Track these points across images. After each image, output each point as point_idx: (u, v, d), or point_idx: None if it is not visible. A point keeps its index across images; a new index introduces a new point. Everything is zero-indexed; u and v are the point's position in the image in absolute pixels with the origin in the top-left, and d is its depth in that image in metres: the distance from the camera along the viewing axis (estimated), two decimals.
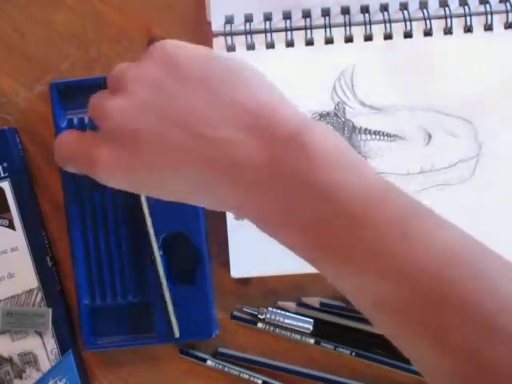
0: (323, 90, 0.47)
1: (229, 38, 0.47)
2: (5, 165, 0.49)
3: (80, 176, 0.48)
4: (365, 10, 0.47)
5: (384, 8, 0.47)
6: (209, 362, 0.50)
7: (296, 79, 0.47)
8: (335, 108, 0.47)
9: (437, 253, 0.29)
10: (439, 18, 0.46)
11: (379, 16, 0.46)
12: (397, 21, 0.46)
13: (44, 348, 0.50)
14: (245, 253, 0.48)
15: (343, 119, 0.47)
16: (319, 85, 0.47)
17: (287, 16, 0.47)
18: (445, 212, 0.42)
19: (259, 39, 0.47)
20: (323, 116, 0.47)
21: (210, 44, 0.47)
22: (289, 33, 0.46)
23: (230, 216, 0.49)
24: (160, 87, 0.35)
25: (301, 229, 0.31)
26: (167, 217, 0.48)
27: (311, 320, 0.49)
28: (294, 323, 0.49)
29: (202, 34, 0.49)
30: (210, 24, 0.47)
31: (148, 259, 0.48)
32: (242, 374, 0.50)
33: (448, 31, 0.46)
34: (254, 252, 0.48)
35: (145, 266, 0.49)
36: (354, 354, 0.49)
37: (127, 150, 0.34)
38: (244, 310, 0.50)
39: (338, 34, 0.47)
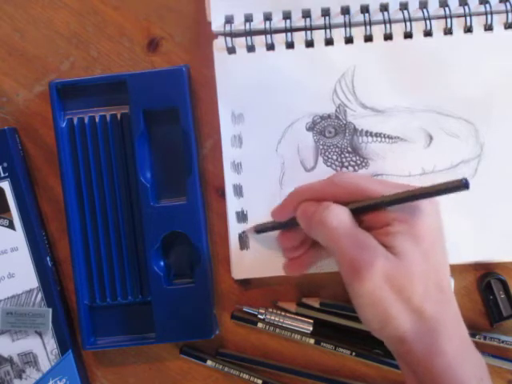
0: (324, 92, 0.47)
1: (229, 40, 0.46)
2: (5, 165, 0.49)
3: (80, 176, 0.48)
4: (365, 9, 0.47)
5: (384, 8, 0.47)
6: (209, 362, 0.50)
7: (296, 81, 0.47)
8: (336, 110, 0.47)
9: None
10: (439, 18, 0.46)
11: (379, 16, 0.46)
12: (397, 21, 0.46)
13: (44, 348, 0.50)
14: (246, 254, 0.48)
15: (344, 121, 0.47)
16: (320, 87, 0.47)
17: (287, 16, 0.47)
18: (448, 213, 0.42)
19: (259, 41, 0.47)
20: (324, 118, 0.47)
21: (210, 45, 0.47)
22: (289, 34, 0.46)
23: (230, 216, 0.49)
24: None
25: None
26: (167, 217, 0.48)
27: (311, 320, 0.49)
28: (294, 323, 0.49)
29: (202, 34, 0.49)
30: (210, 24, 0.47)
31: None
32: (241, 374, 0.50)
33: (448, 31, 0.46)
34: (255, 253, 0.48)
35: (145, 266, 0.49)
36: (353, 354, 0.49)
37: None
38: (244, 310, 0.50)
39: (338, 34, 0.47)
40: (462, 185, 0.36)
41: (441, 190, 0.37)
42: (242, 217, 0.48)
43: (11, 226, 0.49)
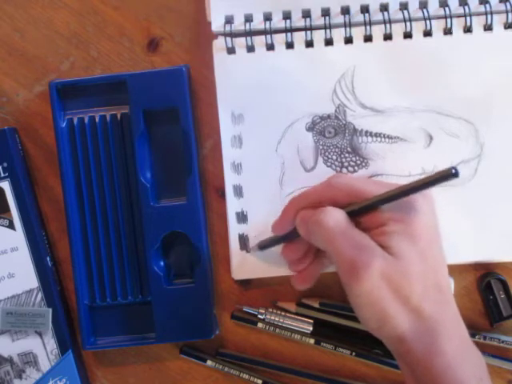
0: (323, 93, 0.47)
1: (229, 40, 0.46)
2: (5, 165, 0.49)
3: (80, 176, 0.49)
4: (365, 9, 0.47)
5: (384, 8, 0.47)
6: (209, 362, 0.50)
7: (296, 81, 0.47)
8: (336, 110, 0.47)
9: None
10: (439, 17, 0.46)
11: (379, 16, 0.46)
12: (397, 21, 0.46)
13: (44, 348, 0.50)
14: (246, 254, 0.48)
15: (344, 122, 0.47)
16: (319, 87, 0.47)
17: (287, 16, 0.47)
18: (448, 213, 0.42)
19: (259, 41, 0.47)
20: (324, 118, 0.47)
21: (210, 45, 0.47)
22: (289, 34, 0.46)
23: (230, 216, 0.49)
24: None
25: None
26: (167, 217, 0.48)
27: (311, 320, 0.49)
28: (294, 323, 0.49)
29: (202, 34, 0.49)
30: (210, 24, 0.47)
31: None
32: (241, 374, 0.50)
33: (448, 31, 0.46)
34: (254, 254, 0.48)
35: (145, 266, 0.49)
36: (353, 354, 0.49)
37: None
38: (244, 310, 0.50)
39: (338, 34, 0.47)
40: (451, 174, 0.35)
41: (432, 181, 0.36)
42: (242, 217, 0.48)
43: (11, 226, 0.49)
